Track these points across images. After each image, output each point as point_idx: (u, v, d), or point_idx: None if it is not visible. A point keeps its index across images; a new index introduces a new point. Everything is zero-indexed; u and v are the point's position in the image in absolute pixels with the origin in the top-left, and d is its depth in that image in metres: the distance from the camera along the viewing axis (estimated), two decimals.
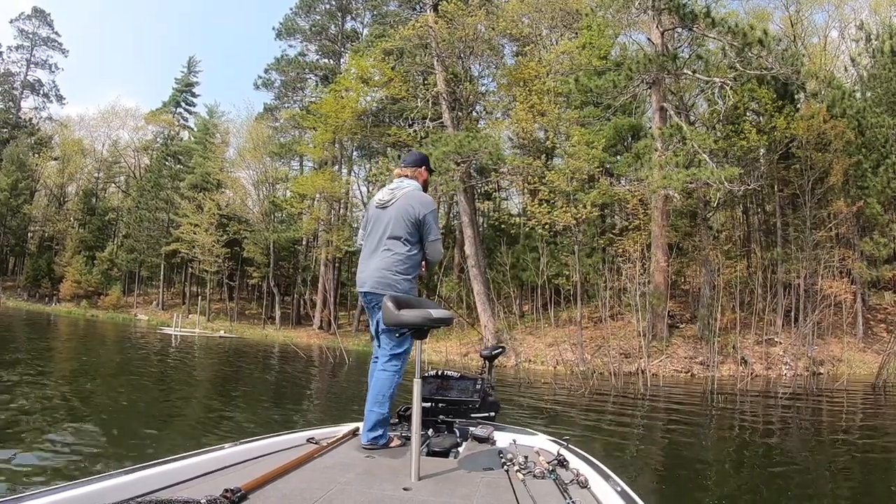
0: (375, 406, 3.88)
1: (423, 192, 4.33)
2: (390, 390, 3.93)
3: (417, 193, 4.21)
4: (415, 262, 4.13)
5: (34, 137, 67.47)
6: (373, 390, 3.99)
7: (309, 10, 51.38)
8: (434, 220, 4.16)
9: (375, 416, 3.85)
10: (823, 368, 22.66)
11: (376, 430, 3.83)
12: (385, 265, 4.06)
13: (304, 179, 43.82)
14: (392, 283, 4.00)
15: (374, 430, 3.83)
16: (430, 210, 4.14)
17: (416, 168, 4.43)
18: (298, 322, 48.22)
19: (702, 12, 23.16)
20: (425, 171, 4.48)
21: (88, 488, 2.29)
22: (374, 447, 3.76)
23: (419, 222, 4.08)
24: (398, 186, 4.23)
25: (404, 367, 4.08)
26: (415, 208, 4.08)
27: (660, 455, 9.46)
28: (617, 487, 2.78)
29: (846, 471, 8.69)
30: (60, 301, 57.43)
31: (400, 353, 4.02)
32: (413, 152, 4.80)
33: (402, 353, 4.04)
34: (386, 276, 4.03)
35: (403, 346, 4.03)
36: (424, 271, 4.40)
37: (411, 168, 4.41)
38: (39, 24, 69.69)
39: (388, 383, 3.96)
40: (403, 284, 4.04)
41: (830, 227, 25.95)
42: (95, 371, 17.18)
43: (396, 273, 4.04)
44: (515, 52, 38.00)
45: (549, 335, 28.85)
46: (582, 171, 27.34)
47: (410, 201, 4.12)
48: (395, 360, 4.01)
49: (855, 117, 24.49)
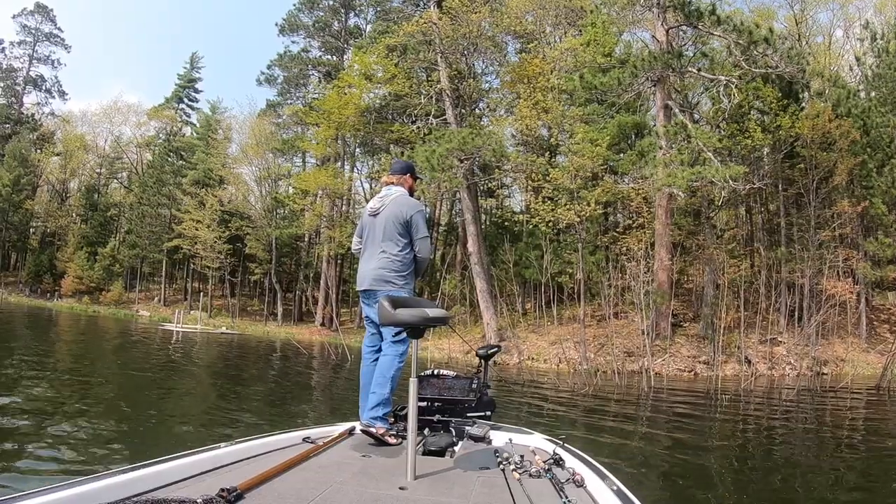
0: (377, 387, 4.17)
1: (409, 196, 4.67)
2: (391, 371, 4.21)
3: (404, 198, 4.57)
4: (407, 260, 4.45)
5: (36, 133, 67.45)
6: (375, 373, 4.29)
7: (312, 6, 51.44)
8: (421, 220, 4.50)
9: (377, 396, 4.12)
10: (827, 369, 22.59)
11: (376, 411, 4.06)
12: (381, 265, 4.40)
13: (306, 176, 43.83)
14: (389, 280, 4.36)
15: (374, 409, 4.07)
16: (416, 210, 4.49)
17: (402, 175, 4.76)
18: (300, 319, 48.32)
19: (707, 10, 23.09)
20: (410, 178, 4.82)
21: (84, 488, 2.28)
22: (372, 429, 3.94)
23: (408, 223, 4.42)
24: (386, 194, 4.61)
25: (406, 356, 4.20)
26: (403, 211, 4.43)
27: (662, 455, 9.39)
28: (613, 486, 2.79)
29: (849, 472, 8.63)
30: (62, 297, 57.60)
31: (401, 340, 4.28)
32: (399, 161, 5.25)
33: (403, 341, 4.28)
34: (382, 274, 4.37)
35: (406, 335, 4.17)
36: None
37: (397, 176, 4.74)
38: (42, 20, 69.88)
39: (389, 364, 4.24)
40: (399, 281, 4.38)
41: (834, 227, 25.86)
42: (96, 368, 17.16)
43: (391, 271, 4.39)
44: (519, 49, 37.99)
45: (552, 333, 28.83)
46: (585, 168, 27.30)
47: (399, 205, 4.47)
48: (398, 345, 4.28)
49: (860, 117, 24.46)
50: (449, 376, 4.94)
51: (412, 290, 4.45)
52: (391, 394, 4.11)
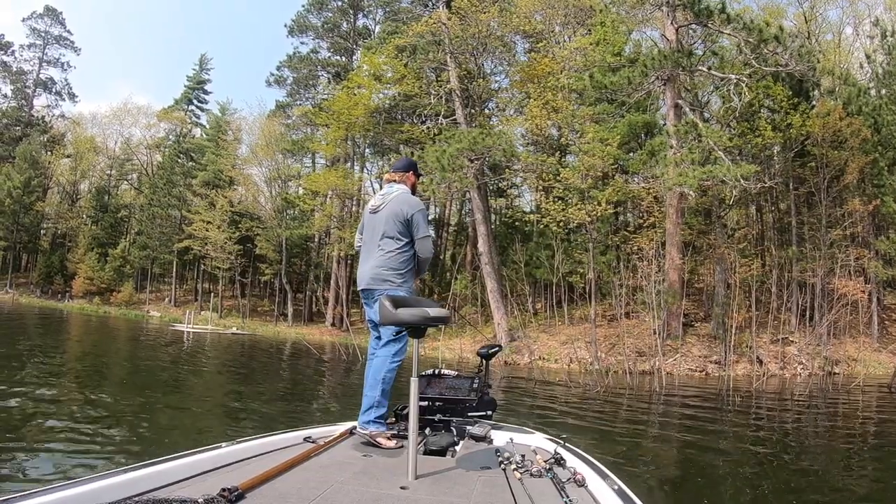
0: (369, 389, 4.09)
1: (411, 194, 4.55)
2: (382, 373, 4.12)
3: (405, 196, 4.43)
4: (406, 258, 4.32)
5: (47, 135, 67.83)
6: (368, 375, 4.21)
7: (321, 7, 51.51)
8: (422, 219, 4.38)
9: (368, 400, 4.04)
10: (839, 368, 22.51)
11: (368, 415, 3.98)
12: (379, 263, 4.29)
13: (316, 176, 43.86)
14: (386, 278, 4.24)
15: (366, 413, 3.99)
16: (417, 209, 4.35)
17: (405, 173, 4.63)
18: (310, 319, 48.36)
19: (716, 8, 23.02)
20: (413, 175, 4.69)
21: (85, 488, 2.30)
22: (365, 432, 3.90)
23: (408, 222, 4.29)
24: (388, 192, 4.49)
25: (403, 356, 4.20)
26: (403, 209, 4.30)
27: (674, 455, 9.43)
28: (614, 486, 2.80)
29: (861, 473, 8.62)
30: (73, 298, 57.78)
31: (396, 339, 4.20)
32: (402, 158, 5.21)
33: (399, 339, 4.20)
34: (380, 272, 4.26)
35: (402, 334, 4.18)
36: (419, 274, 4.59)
37: (399, 173, 4.61)
38: (51, 23, 70.20)
39: (380, 366, 4.16)
40: (397, 279, 4.25)
41: (846, 226, 25.78)
42: (107, 368, 17.26)
43: (389, 269, 4.27)
44: (528, 48, 37.97)
45: (563, 333, 28.84)
46: (596, 168, 27.27)
47: (400, 203, 4.34)
48: (391, 345, 4.19)
49: (871, 115, 24.33)
50: (450, 376, 4.95)
51: (411, 288, 4.34)
52: (384, 396, 4.06)
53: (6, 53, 69.19)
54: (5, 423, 8.50)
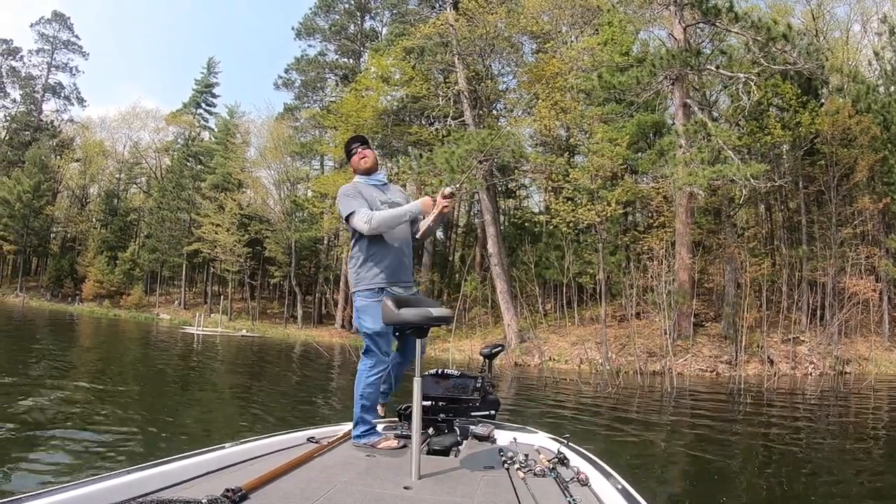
0: (354, 405, 3.90)
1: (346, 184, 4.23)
2: (360, 389, 3.90)
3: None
4: (355, 253, 4.03)
5: (56, 139, 68.38)
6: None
7: (328, 9, 51.68)
8: (340, 203, 4.01)
9: (354, 416, 3.88)
10: (850, 368, 22.38)
11: (356, 430, 3.85)
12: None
13: (325, 179, 43.91)
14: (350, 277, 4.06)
15: (355, 429, 3.87)
16: (337, 197, 4.07)
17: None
18: (320, 321, 48.53)
19: (724, 6, 22.97)
20: (351, 156, 4.33)
21: (89, 489, 2.31)
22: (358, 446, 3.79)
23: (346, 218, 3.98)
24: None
25: (381, 367, 3.97)
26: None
27: (683, 455, 9.39)
28: (618, 485, 2.79)
29: (875, 471, 8.58)
30: (83, 301, 58.11)
31: (366, 351, 3.98)
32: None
33: (368, 350, 3.96)
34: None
35: (367, 344, 3.96)
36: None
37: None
38: (60, 28, 70.65)
39: (356, 380, 3.95)
40: (352, 276, 4.03)
41: (856, 224, 25.72)
42: (118, 370, 17.28)
43: (350, 268, 4.09)
44: (535, 49, 37.96)
45: (573, 334, 28.83)
46: (605, 168, 27.24)
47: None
48: (364, 358, 3.96)
49: (880, 112, 24.20)
50: (453, 375, 4.90)
51: (370, 286, 3.93)
52: (364, 412, 3.87)
53: (15, 59, 69.77)
54: (19, 424, 8.54)
